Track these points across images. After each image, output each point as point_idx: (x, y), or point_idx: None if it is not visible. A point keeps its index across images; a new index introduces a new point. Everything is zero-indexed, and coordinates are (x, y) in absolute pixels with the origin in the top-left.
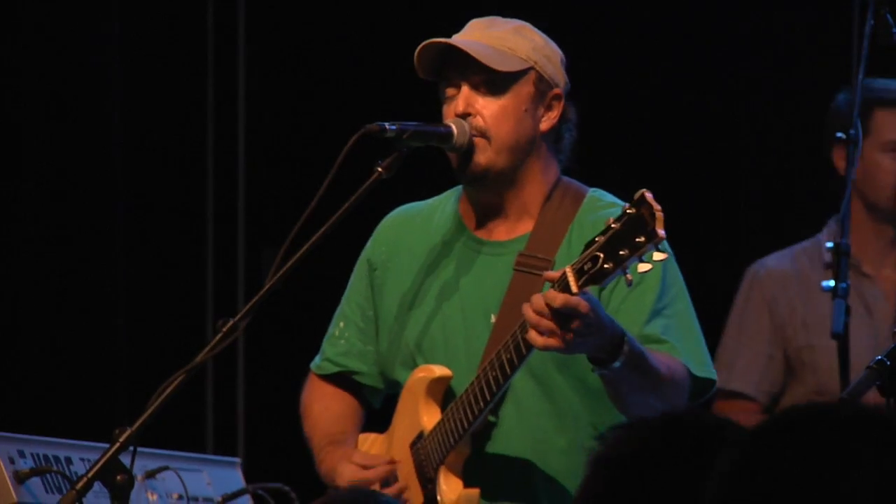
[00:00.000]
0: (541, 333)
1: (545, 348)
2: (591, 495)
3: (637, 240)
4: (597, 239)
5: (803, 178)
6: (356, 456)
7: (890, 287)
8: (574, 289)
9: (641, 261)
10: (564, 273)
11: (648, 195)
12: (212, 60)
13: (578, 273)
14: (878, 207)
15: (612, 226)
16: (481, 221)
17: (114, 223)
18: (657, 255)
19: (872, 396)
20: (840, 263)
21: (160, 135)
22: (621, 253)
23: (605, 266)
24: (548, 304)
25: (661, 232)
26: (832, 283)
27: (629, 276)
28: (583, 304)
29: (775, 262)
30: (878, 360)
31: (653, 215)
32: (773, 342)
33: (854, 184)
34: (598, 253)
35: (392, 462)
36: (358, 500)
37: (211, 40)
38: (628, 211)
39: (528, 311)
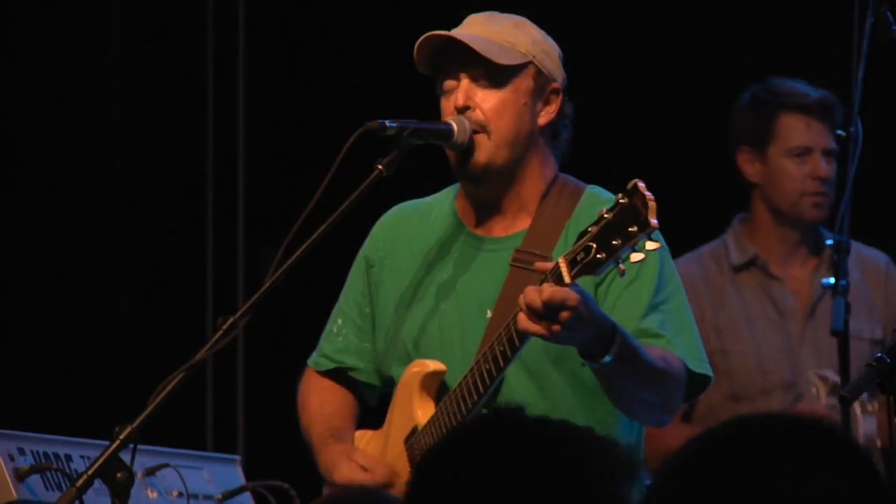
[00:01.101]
0: (531, 323)
1: (532, 333)
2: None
3: (630, 229)
4: (589, 229)
5: None
6: (357, 455)
7: (798, 286)
8: (567, 279)
9: (634, 250)
10: (557, 264)
11: (641, 185)
12: (212, 60)
13: (571, 263)
14: (783, 212)
15: (605, 216)
16: (479, 218)
17: (114, 221)
18: (650, 245)
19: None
20: (840, 261)
21: (160, 134)
22: (614, 243)
23: (598, 256)
24: (539, 295)
25: (654, 221)
26: (832, 280)
27: (622, 266)
28: (573, 297)
29: (683, 266)
30: (878, 357)
31: (645, 204)
32: None
33: (759, 188)
34: (590, 243)
35: (391, 466)
36: (361, 499)
37: (211, 41)
38: (620, 201)
39: (520, 300)
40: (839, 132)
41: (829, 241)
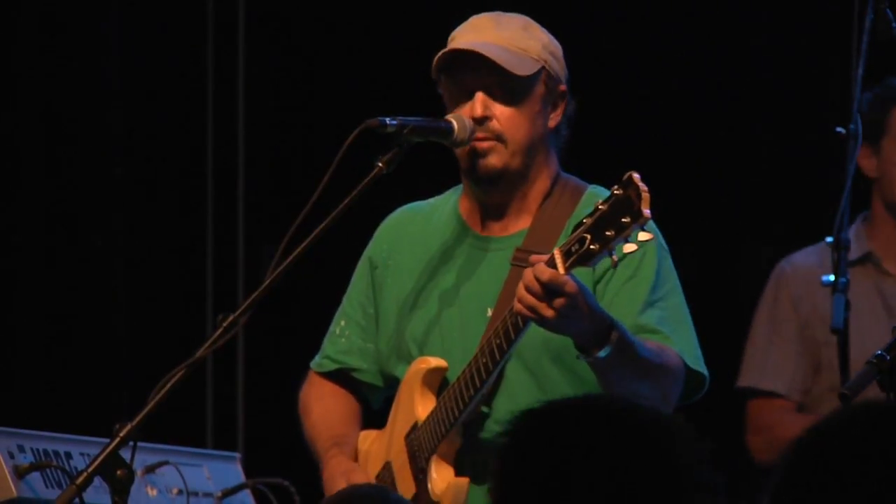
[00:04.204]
0: (526, 305)
1: (526, 315)
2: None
3: (623, 220)
4: (584, 220)
5: (802, 172)
6: (355, 475)
7: None
8: (561, 270)
9: (627, 241)
10: (552, 255)
11: (635, 176)
12: (212, 59)
13: (566, 254)
14: (893, 205)
15: (600, 207)
16: (482, 218)
17: (114, 220)
18: (642, 236)
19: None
20: (839, 258)
21: (160, 134)
22: (607, 234)
23: (592, 247)
24: (536, 278)
25: (647, 212)
26: (832, 277)
27: (615, 257)
28: (569, 283)
29: (802, 258)
30: (878, 354)
31: (639, 196)
32: (802, 339)
33: (876, 182)
34: (585, 234)
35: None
36: (372, 498)
37: (211, 40)
38: (615, 192)
39: (518, 286)
40: (839, 130)
41: (829, 239)
